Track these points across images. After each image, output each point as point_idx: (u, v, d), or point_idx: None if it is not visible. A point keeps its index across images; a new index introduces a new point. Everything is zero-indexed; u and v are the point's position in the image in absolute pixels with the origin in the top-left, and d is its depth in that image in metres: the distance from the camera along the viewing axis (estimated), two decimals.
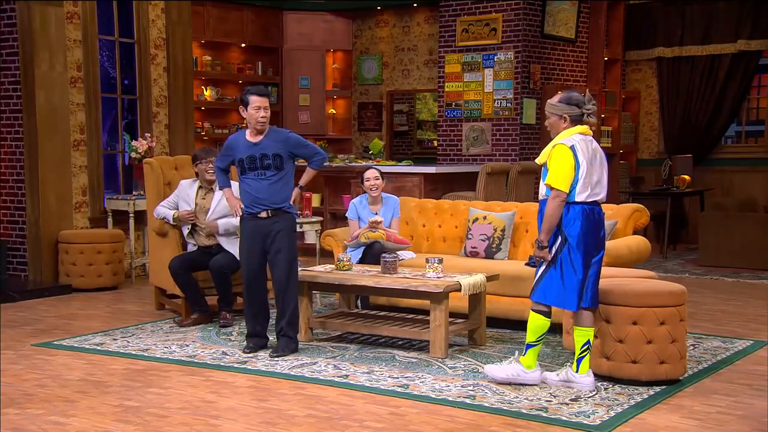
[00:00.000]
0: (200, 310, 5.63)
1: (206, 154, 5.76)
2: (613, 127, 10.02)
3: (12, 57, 7.07)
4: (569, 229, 4.04)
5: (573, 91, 4.19)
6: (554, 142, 4.08)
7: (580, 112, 4.10)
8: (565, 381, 4.15)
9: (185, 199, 5.76)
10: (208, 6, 9.89)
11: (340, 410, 3.87)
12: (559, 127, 4.12)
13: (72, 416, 3.79)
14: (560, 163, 4.00)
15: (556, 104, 4.12)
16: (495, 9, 9.22)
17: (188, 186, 5.83)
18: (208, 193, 5.78)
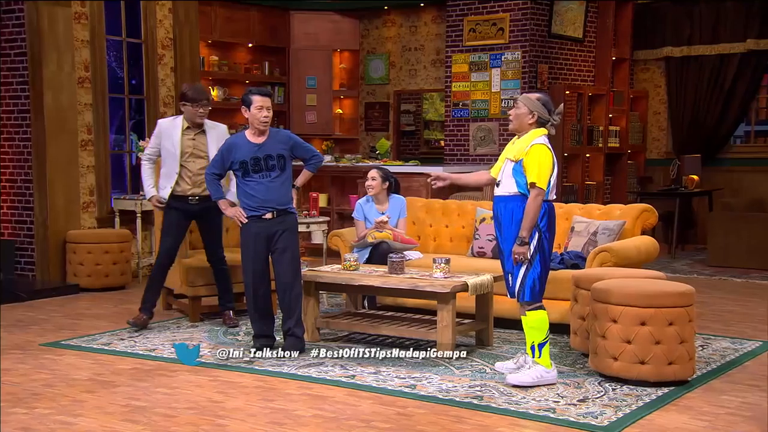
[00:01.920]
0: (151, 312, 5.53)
1: (199, 95, 5.33)
2: (621, 127, 9.99)
3: (20, 57, 7.09)
4: (543, 224, 4.18)
5: (550, 98, 4.32)
6: (530, 141, 4.16)
7: (547, 119, 4.24)
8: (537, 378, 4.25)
9: (170, 143, 5.33)
10: (215, 6, 9.90)
11: (347, 410, 3.86)
12: (524, 121, 4.24)
13: (79, 416, 3.80)
14: (543, 163, 4.12)
15: (534, 101, 4.23)
16: (502, 9, 9.19)
17: (170, 125, 5.39)
18: (198, 135, 5.39)
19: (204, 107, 5.36)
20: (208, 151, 5.39)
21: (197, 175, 5.37)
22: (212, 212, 5.34)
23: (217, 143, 5.34)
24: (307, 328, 5.03)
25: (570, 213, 5.88)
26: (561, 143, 9.33)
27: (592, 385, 4.22)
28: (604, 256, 5.10)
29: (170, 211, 5.42)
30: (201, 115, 5.35)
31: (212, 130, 5.45)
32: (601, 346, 4.23)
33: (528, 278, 4.18)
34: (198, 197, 5.39)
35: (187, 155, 5.38)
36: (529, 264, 4.17)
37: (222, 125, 5.61)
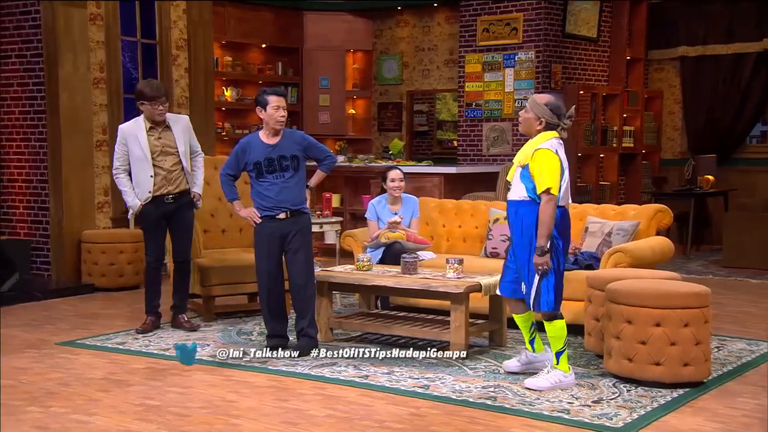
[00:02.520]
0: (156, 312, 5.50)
1: (156, 92, 5.19)
2: (635, 127, 9.93)
3: (36, 58, 7.14)
4: (556, 231, 4.09)
5: (560, 99, 4.23)
6: (535, 146, 4.08)
7: (557, 123, 4.14)
8: (527, 363, 4.31)
9: (137, 146, 5.20)
10: (228, 7, 9.93)
11: (361, 410, 3.86)
12: (532, 127, 4.16)
13: (94, 414, 3.82)
14: (551, 167, 4.02)
15: (542, 106, 4.13)
16: (516, 8, 9.17)
17: (133, 128, 5.26)
18: (163, 132, 5.29)
19: (162, 104, 5.24)
20: (177, 146, 5.31)
21: (171, 173, 5.31)
22: (186, 211, 5.40)
23: (184, 135, 5.35)
24: (321, 328, 5.03)
25: (584, 213, 5.85)
26: (575, 144, 9.30)
27: (607, 386, 4.20)
28: (618, 256, 5.07)
29: (148, 212, 5.33)
30: (160, 112, 5.24)
31: (176, 124, 5.35)
32: (615, 347, 4.21)
33: (543, 288, 4.10)
34: (173, 195, 5.33)
35: (157, 154, 5.26)
36: (543, 273, 4.09)
37: (184, 116, 5.57)
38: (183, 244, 5.49)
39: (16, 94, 7.30)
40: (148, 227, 5.40)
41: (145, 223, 5.39)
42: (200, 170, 5.51)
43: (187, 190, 5.40)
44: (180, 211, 5.40)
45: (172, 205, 5.35)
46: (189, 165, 5.40)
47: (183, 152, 5.34)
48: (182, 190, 5.37)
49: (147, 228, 5.41)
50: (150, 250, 5.44)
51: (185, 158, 5.35)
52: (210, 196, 6.24)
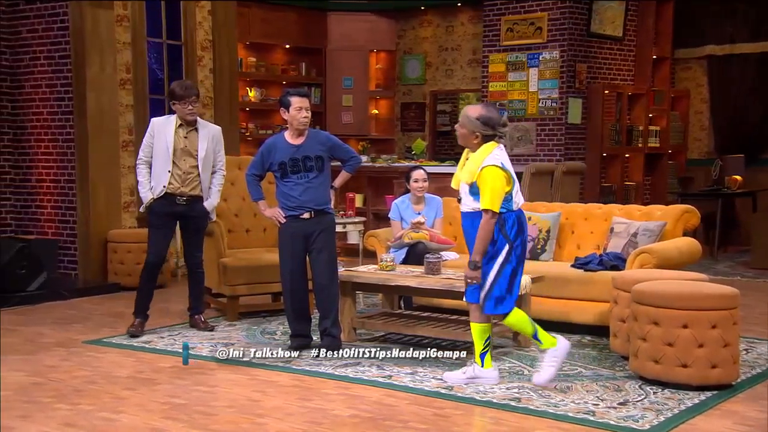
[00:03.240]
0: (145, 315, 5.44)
1: (187, 92, 5.23)
2: (661, 127, 9.84)
3: (64, 59, 7.23)
4: (513, 235, 4.08)
5: (492, 109, 4.17)
6: (480, 163, 4.05)
7: (492, 134, 4.10)
8: (471, 378, 4.20)
9: (163, 141, 5.23)
10: (252, 8, 9.98)
11: (384, 411, 3.86)
12: (469, 141, 4.13)
13: (121, 412, 3.86)
14: (496, 186, 4.01)
15: (474, 120, 4.09)
16: (540, 8, 9.12)
17: (164, 123, 5.30)
18: (190, 132, 5.32)
19: (193, 104, 5.24)
20: (198, 149, 5.29)
21: (187, 174, 5.27)
22: (198, 214, 5.35)
23: (209, 143, 5.32)
24: (344, 328, 5.04)
25: (610, 214, 5.81)
26: (599, 143, 9.24)
27: (633, 388, 4.16)
28: (644, 257, 5.02)
29: (158, 209, 5.28)
30: (190, 111, 5.24)
31: (204, 129, 5.35)
32: (642, 349, 4.17)
33: (494, 292, 4.10)
34: (186, 197, 5.28)
35: (179, 153, 5.25)
36: (497, 276, 4.08)
37: (216, 126, 5.53)
38: (194, 248, 5.47)
39: (45, 95, 7.40)
40: (155, 224, 5.32)
41: (153, 219, 5.31)
42: (217, 187, 5.41)
43: (201, 196, 5.33)
44: (193, 217, 5.35)
45: (183, 208, 5.29)
46: (208, 175, 5.34)
47: (202, 157, 5.29)
48: (196, 195, 5.31)
49: (154, 225, 5.32)
50: (152, 249, 5.33)
51: (202, 163, 5.29)
52: (234, 196, 6.29)
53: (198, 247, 5.51)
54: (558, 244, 5.87)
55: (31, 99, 7.48)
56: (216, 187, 5.43)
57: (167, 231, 5.38)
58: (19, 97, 7.55)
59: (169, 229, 5.39)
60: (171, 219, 5.35)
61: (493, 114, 4.11)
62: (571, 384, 4.23)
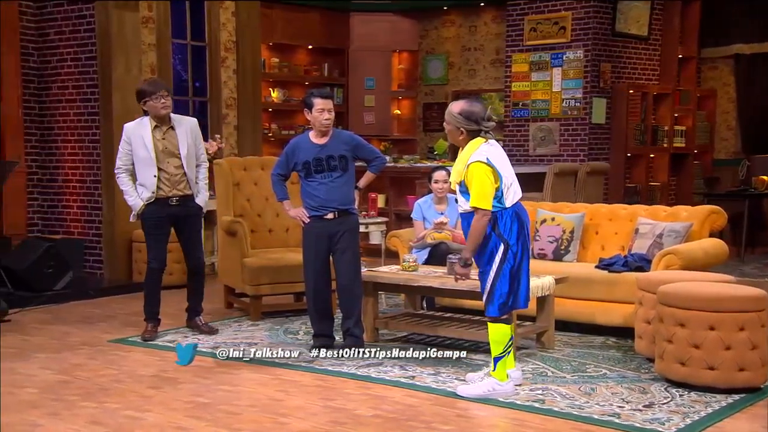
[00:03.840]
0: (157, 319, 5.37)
1: (156, 86, 5.06)
2: (687, 127, 9.73)
3: (90, 61, 7.31)
4: (507, 234, 3.99)
5: (476, 103, 4.07)
6: (466, 160, 3.97)
7: (477, 129, 4.01)
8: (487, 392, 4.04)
9: (141, 147, 5.07)
10: (275, 8, 10.02)
11: (407, 411, 3.86)
12: (456, 137, 4.07)
13: (146, 411, 3.89)
14: (482, 182, 3.92)
15: (456, 115, 4.02)
16: (564, 7, 9.06)
17: (137, 128, 5.11)
18: (167, 132, 5.12)
19: (164, 97, 5.04)
20: (180, 148, 5.13)
21: (174, 175, 5.13)
22: (192, 212, 5.25)
23: (187, 138, 5.16)
24: (366, 328, 5.04)
25: (635, 215, 5.75)
26: (624, 143, 9.16)
27: (658, 390, 4.11)
28: (670, 258, 4.97)
29: (151, 215, 5.16)
30: (165, 105, 5.03)
31: (180, 125, 5.16)
32: (667, 351, 4.12)
33: (495, 293, 4.02)
34: (178, 198, 5.15)
35: (161, 155, 5.10)
36: (496, 277, 4.00)
37: (190, 118, 5.33)
38: (194, 248, 5.33)
39: (71, 97, 7.48)
40: (150, 230, 5.20)
41: (148, 225, 5.19)
42: (203, 181, 5.26)
43: (191, 194, 5.21)
44: (187, 217, 5.23)
45: (177, 208, 5.16)
46: (193, 171, 5.19)
47: (185, 155, 5.13)
48: (187, 194, 5.19)
49: (149, 231, 5.20)
50: (153, 254, 5.22)
51: (186, 161, 5.14)
52: (257, 196, 6.32)
53: (198, 247, 5.40)
54: (582, 244, 5.83)
55: (58, 100, 7.58)
56: (202, 181, 5.27)
57: (164, 235, 5.25)
58: (47, 98, 7.64)
59: (165, 233, 5.25)
60: (165, 222, 5.20)
61: (476, 108, 4.02)
62: (595, 386, 4.20)
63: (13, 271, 6.43)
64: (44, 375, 4.49)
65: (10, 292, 6.23)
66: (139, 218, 5.20)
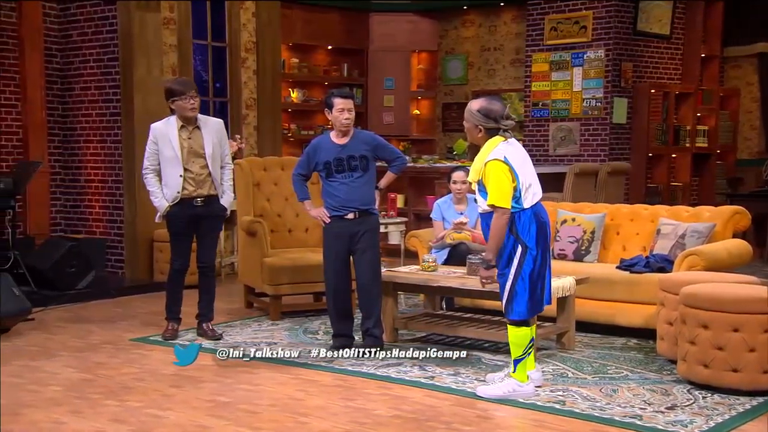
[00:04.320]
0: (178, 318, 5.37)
1: (185, 87, 5.06)
2: (710, 127, 9.64)
3: (113, 62, 7.37)
4: (526, 235, 3.95)
5: (495, 102, 4.03)
6: (484, 159, 3.94)
7: (495, 126, 3.98)
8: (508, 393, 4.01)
9: (168, 146, 5.08)
10: (294, 9, 10.05)
11: (427, 411, 3.85)
12: (474, 135, 4.04)
13: (168, 410, 3.91)
14: (499, 180, 3.88)
15: (474, 113, 3.99)
16: (585, 6, 9.01)
17: (165, 128, 5.12)
18: (193, 132, 5.13)
19: (193, 98, 5.04)
20: (205, 148, 5.12)
21: (199, 175, 5.13)
22: (216, 213, 5.24)
23: (212, 138, 5.15)
24: (386, 328, 5.04)
25: (656, 215, 5.70)
26: (646, 143, 9.09)
27: (681, 392, 4.08)
28: (692, 259, 4.92)
29: (176, 216, 5.15)
30: (192, 106, 5.03)
31: (206, 125, 5.17)
32: (690, 353, 4.08)
33: (518, 297, 3.98)
34: (203, 198, 5.14)
35: (187, 155, 5.09)
36: (515, 280, 3.97)
37: (216, 119, 5.33)
38: (208, 248, 5.28)
39: (94, 97, 7.55)
40: (176, 232, 5.20)
41: (174, 227, 5.19)
42: (229, 182, 5.27)
43: (215, 195, 5.19)
44: (209, 217, 5.20)
45: (201, 209, 5.14)
46: (218, 171, 5.19)
47: (210, 155, 5.12)
48: (212, 194, 5.17)
49: (175, 233, 5.20)
50: (176, 256, 5.24)
51: (212, 161, 5.14)
52: (277, 196, 6.34)
53: (212, 248, 5.35)
54: (603, 245, 5.79)
55: (80, 101, 7.65)
56: (227, 182, 5.27)
57: (187, 236, 5.24)
58: (69, 99, 7.73)
59: (188, 234, 5.24)
60: (190, 223, 5.18)
61: (495, 106, 3.99)
62: (617, 387, 4.17)
63: (36, 270, 6.50)
64: (68, 373, 4.54)
65: (34, 291, 6.29)
66: (164, 219, 5.21)
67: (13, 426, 3.69)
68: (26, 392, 4.18)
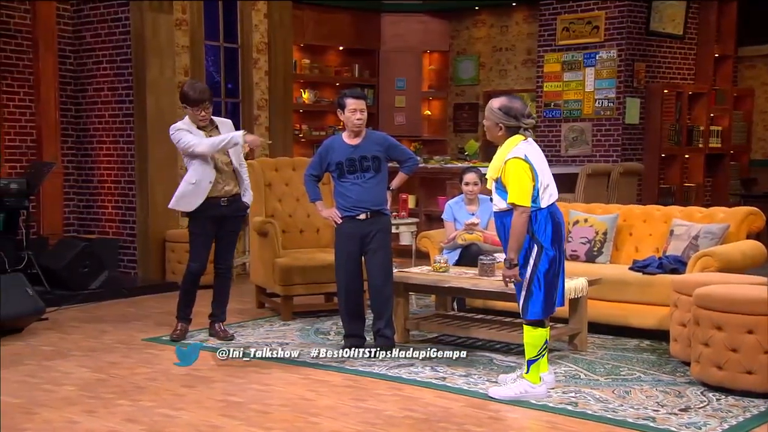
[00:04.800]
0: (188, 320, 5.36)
1: (201, 96, 4.98)
2: (723, 127, 9.57)
3: (125, 63, 7.41)
4: (542, 235, 3.94)
5: (516, 100, 4.04)
6: (504, 156, 3.93)
7: (516, 125, 3.97)
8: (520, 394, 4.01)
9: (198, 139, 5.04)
10: (306, 9, 10.06)
11: (438, 413, 3.84)
12: (495, 133, 4.02)
13: (180, 409, 3.92)
14: (520, 178, 3.88)
15: (495, 111, 3.99)
16: (598, 6, 8.97)
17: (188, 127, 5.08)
18: (213, 131, 5.13)
19: (205, 110, 5.02)
20: None
21: (225, 172, 5.11)
22: (239, 213, 5.21)
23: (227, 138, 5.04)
24: (397, 329, 5.03)
25: (669, 216, 5.67)
26: (658, 144, 9.05)
27: (695, 394, 4.05)
28: (706, 260, 4.89)
29: (200, 216, 5.11)
30: (203, 118, 5.02)
31: (223, 125, 5.18)
32: (704, 354, 4.06)
33: (533, 297, 3.97)
34: (227, 199, 5.12)
35: None
36: (530, 280, 3.95)
37: (228, 120, 5.32)
38: (227, 251, 5.28)
39: (107, 98, 7.59)
40: (196, 231, 5.16)
41: (197, 227, 5.16)
42: (247, 181, 5.23)
43: (239, 194, 5.18)
44: (232, 217, 5.19)
45: (225, 208, 5.12)
46: (239, 165, 5.16)
47: (233, 150, 5.08)
48: (235, 193, 5.16)
49: (195, 232, 5.17)
50: (194, 257, 5.20)
51: (235, 156, 5.10)
52: (288, 197, 6.35)
53: (230, 250, 5.34)
54: (615, 246, 5.76)
55: (93, 102, 7.69)
56: (246, 181, 5.25)
57: (209, 238, 5.22)
58: (83, 100, 7.77)
59: (210, 236, 5.20)
60: (212, 224, 5.16)
61: (516, 104, 3.99)
62: (629, 389, 4.15)
63: (50, 271, 6.53)
64: (81, 373, 4.56)
65: (47, 291, 6.33)
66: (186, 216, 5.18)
67: (28, 425, 3.72)
68: (40, 391, 4.21)
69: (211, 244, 5.29)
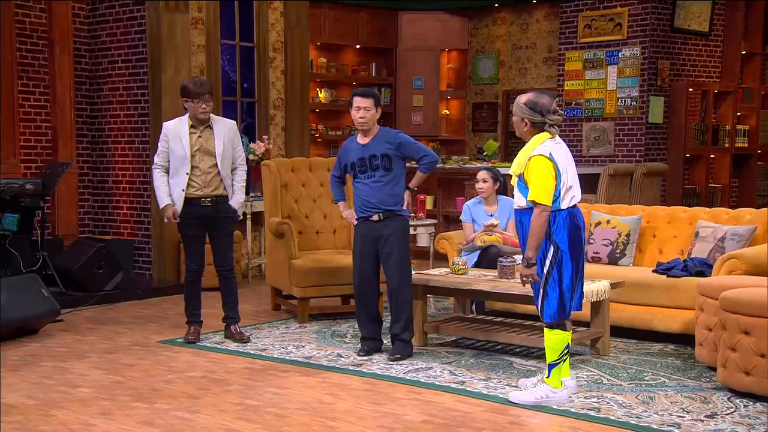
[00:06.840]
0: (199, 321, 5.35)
1: (201, 89, 5.00)
2: (750, 126, 9.39)
3: (141, 63, 7.38)
4: (559, 236, 3.85)
5: (544, 96, 3.95)
6: (529, 153, 3.84)
7: (542, 120, 3.89)
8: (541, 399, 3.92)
9: (178, 144, 5.05)
10: (323, 8, 10.00)
11: (458, 417, 3.76)
12: (521, 129, 3.96)
13: (196, 412, 3.86)
14: (542, 176, 3.79)
15: (521, 105, 3.92)
16: (620, 3, 8.83)
17: (176, 126, 5.11)
18: (204, 131, 5.09)
19: (206, 102, 5.01)
20: (215, 147, 5.07)
21: (207, 174, 5.07)
22: (226, 214, 5.16)
23: (224, 138, 5.09)
24: (415, 332, 4.95)
25: (694, 217, 5.54)
26: (683, 143, 8.89)
27: (721, 400, 3.93)
28: (733, 263, 4.75)
29: (186, 217, 5.11)
30: (203, 110, 5.01)
31: (218, 125, 5.13)
32: (731, 360, 3.94)
33: (549, 299, 3.88)
34: (210, 199, 5.09)
35: (197, 153, 5.06)
36: (546, 282, 3.86)
37: (230, 121, 5.28)
38: (223, 252, 5.22)
39: (122, 98, 7.57)
40: (186, 233, 5.18)
41: (183, 228, 5.17)
42: (240, 183, 5.19)
43: (225, 195, 5.14)
44: (219, 219, 5.14)
45: (210, 210, 5.09)
46: (228, 172, 5.13)
47: (220, 154, 5.07)
48: (220, 195, 5.12)
49: (184, 232, 5.19)
50: (190, 257, 5.22)
51: (221, 161, 5.08)
52: (305, 198, 6.29)
53: (227, 251, 5.28)
54: (638, 248, 5.64)
55: (108, 102, 7.68)
56: (239, 183, 5.20)
57: (198, 236, 5.20)
58: (98, 100, 7.75)
59: (200, 234, 5.19)
60: (200, 224, 5.14)
61: (543, 100, 3.92)
62: (653, 394, 4.04)
63: (65, 271, 6.52)
64: (97, 375, 4.52)
65: (62, 292, 6.31)
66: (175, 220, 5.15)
67: (44, 427, 3.68)
68: (56, 393, 4.17)
69: (203, 244, 5.26)
